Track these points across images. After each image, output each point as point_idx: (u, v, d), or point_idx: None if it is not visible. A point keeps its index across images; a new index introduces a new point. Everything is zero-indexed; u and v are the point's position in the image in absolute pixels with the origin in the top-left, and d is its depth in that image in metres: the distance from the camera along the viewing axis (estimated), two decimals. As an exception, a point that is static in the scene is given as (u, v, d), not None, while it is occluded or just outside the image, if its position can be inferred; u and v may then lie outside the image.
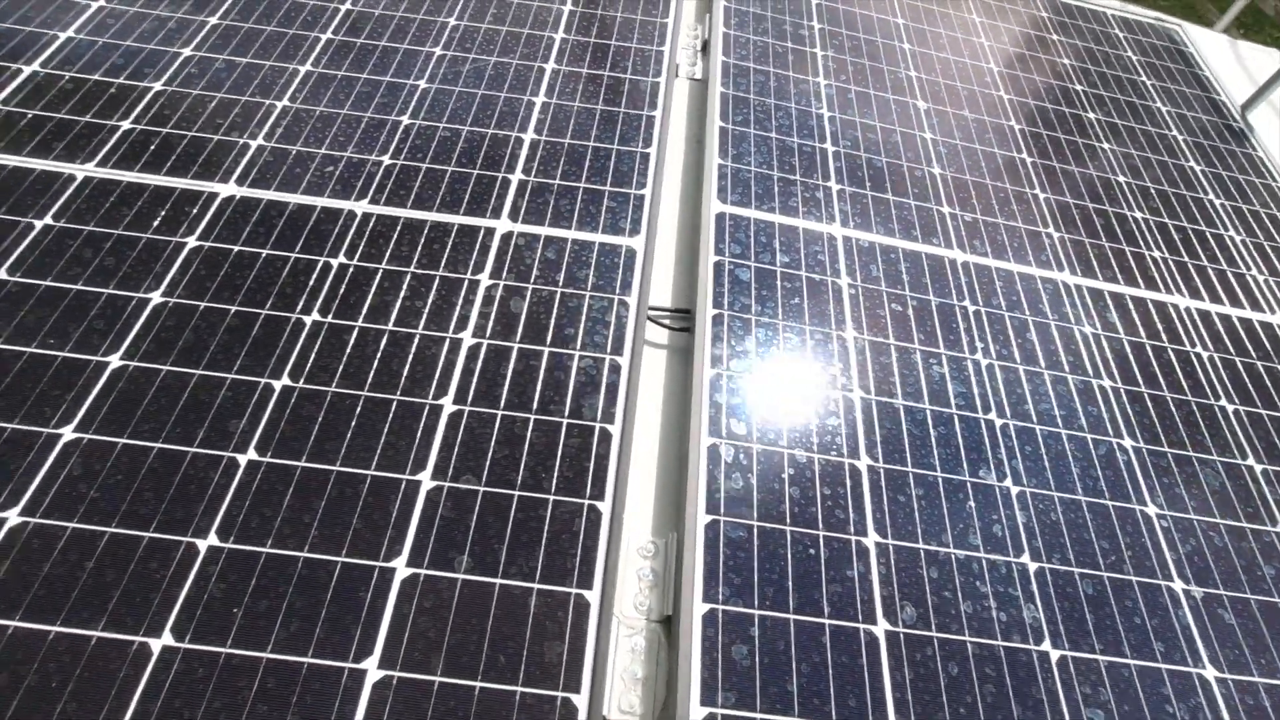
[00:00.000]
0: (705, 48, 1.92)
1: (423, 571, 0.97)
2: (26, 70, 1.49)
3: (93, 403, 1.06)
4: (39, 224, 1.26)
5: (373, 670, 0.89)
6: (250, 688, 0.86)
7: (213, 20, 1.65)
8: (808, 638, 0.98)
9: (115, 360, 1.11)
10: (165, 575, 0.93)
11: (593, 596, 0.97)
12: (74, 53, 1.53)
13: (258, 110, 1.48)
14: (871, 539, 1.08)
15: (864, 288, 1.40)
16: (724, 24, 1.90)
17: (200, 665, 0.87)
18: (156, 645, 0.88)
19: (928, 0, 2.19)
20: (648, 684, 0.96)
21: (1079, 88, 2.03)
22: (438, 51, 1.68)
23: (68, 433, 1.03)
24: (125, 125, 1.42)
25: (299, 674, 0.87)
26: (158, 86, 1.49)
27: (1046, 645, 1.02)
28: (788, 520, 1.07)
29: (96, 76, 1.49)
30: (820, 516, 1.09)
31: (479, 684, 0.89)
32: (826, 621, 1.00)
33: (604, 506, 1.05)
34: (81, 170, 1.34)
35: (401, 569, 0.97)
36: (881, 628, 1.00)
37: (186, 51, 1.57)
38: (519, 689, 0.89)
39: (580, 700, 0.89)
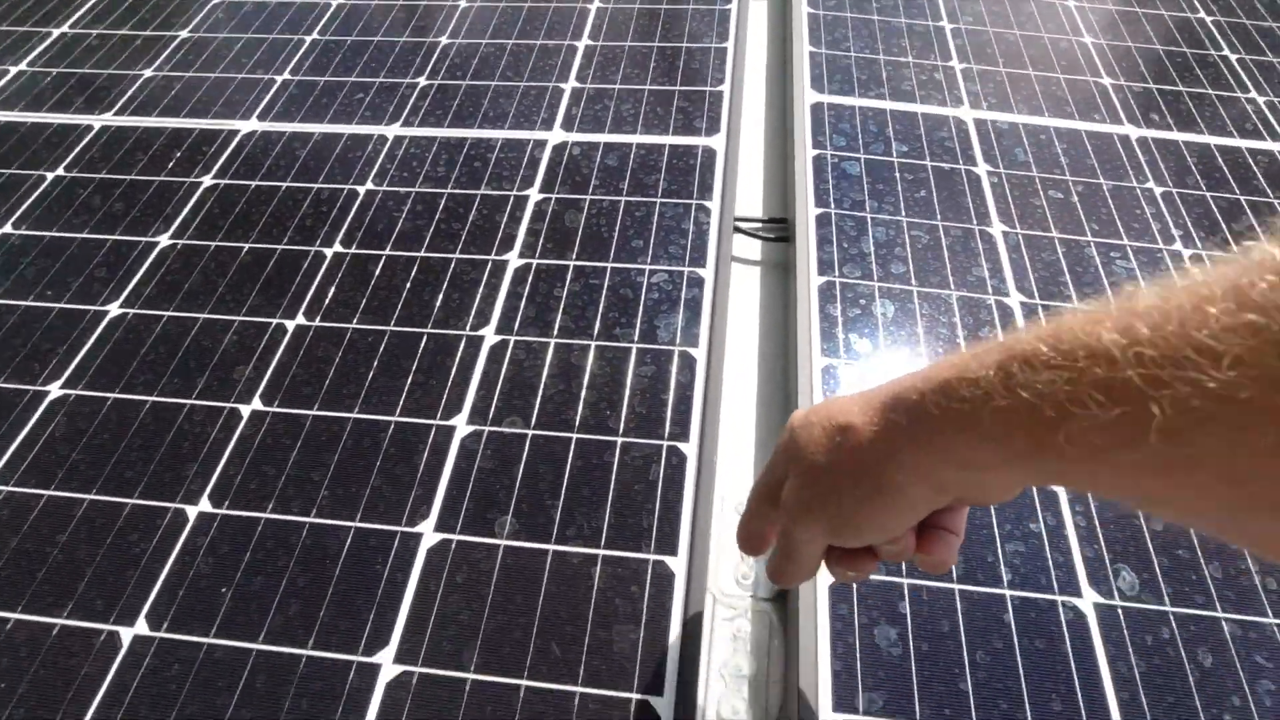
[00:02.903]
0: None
1: (455, 537, 0.75)
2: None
3: (85, 356, 0.91)
4: (50, 175, 1.14)
5: (388, 665, 0.67)
6: (234, 688, 0.66)
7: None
8: (982, 613, 0.69)
9: (114, 309, 0.96)
10: (146, 550, 0.75)
11: (678, 565, 0.72)
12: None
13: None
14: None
15: (1009, 174, 1.09)
16: (806, -87, 1.62)
17: (176, 660, 0.68)
18: (128, 635, 0.70)
19: None
20: (756, 682, 0.70)
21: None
22: (480, -29, 1.48)
23: (54, 389, 0.88)
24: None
25: (294, 671, 0.67)
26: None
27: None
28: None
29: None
30: (983, 453, 0.80)
31: (524, 683, 0.66)
32: (1008, 592, 0.71)
33: (689, 448, 0.80)
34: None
35: (429, 535, 0.75)
36: (1090, 600, 0.71)
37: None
38: (579, 689, 0.65)
39: (663, 705, 0.64)
